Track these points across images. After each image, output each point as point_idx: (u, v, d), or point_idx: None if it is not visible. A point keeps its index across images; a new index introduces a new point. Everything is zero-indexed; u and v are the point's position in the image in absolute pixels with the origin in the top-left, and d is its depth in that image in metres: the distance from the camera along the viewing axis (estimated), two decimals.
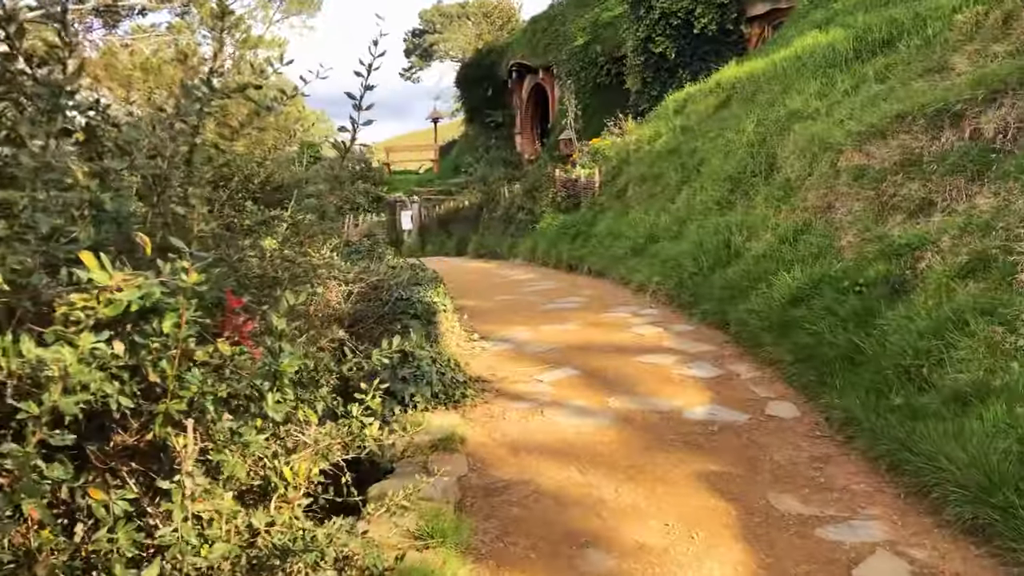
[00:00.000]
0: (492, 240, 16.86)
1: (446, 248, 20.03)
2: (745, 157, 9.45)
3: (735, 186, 9.30)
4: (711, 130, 11.30)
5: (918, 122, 6.75)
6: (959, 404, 4.28)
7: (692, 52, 19.75)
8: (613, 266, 10.75)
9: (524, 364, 6.58)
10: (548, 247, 13.51)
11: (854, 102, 8.22)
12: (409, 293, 7.30)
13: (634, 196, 12.20)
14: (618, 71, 24.11)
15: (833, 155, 7.59)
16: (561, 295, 9.85)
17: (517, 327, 7.89)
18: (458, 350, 6.91)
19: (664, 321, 7.82)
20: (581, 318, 8.16)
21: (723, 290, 7.51)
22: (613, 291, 9.91)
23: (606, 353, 6.75)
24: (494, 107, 32.04)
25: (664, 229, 10.14)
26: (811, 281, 6.36)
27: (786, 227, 7.47)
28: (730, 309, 7.16)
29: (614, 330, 7.55)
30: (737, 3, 19.31)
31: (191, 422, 2.13)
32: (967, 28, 7.82)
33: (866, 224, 6.55)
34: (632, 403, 5.53)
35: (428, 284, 7.81)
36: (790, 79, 10.27)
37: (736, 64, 13.39)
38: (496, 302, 9.63)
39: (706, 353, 6.62)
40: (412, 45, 65.12)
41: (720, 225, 8.61)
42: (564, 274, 12.26)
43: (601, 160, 14.50)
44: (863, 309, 5.64)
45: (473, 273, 13.22)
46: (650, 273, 9.32)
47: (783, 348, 6.00)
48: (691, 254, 8.64)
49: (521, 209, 15.72)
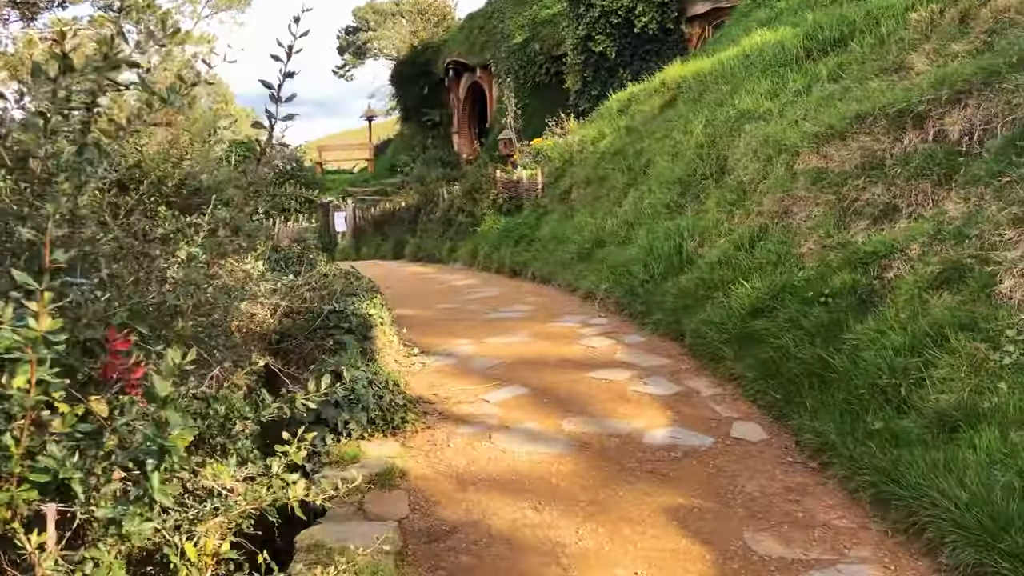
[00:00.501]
0: (430, 243, 16.34)
1: (382, 251, 19.42)
2: (694, 159, 9.15)
3: (685, 189, 8.99)
4: (657, 131, 11.00)
5: (879, 123, 6.49)
6: (945, 429, 3.96)
7: (633, 51, 19.55)
8: (559, 272, 10.36)
9: (469, 381, 6.12)
10: (490, 251, 13.06)
11: (808, 102, 7.97)
12: (343, 305, 6.78)
13: (579, 199, 11.83)
14: (557, 70, 23.81)
15: (789, 157, 7.32)
16: (505, 303, 9.41)
17: (460, 339, 7.42)
18: (397, 367, 6.42)
19: (615, 332, 7.44)
20: (528, 328, 7.74)
21: (677, 299, 7.16)
22: (560, 298, 9.52)
23: (556, 368, 6.33)
24: (431, 106, 31.49)
25: (611, 233, 9.79)
26: (772, 291, 6.04)
27: (741, 233, 7.16)
28: (685, 319, 6.82)
29: (564, 342, 7.14)
30: (678, 2, 19.18)
31: (52, 508, 1.63)
32: (922, 27, 7.63)
33: (827, 230, 6.26)
34: (588, 425, 5.11)
35: (363, 294, 7.30)
36: (739, 78, 10.01)
37: (681, 63, 13.14)
38: (437, 311, 9.14)
39: (662, 368, 6.25)
40: (346, 43, 64.27)
41: (671, 230, 8.28)
42: (507, 280, 11.83)
43: (544, 161, 14.12)
44: (830, 322, 5.33)
45: (411, 279, 12.70)
46: (598, 280, 8.95)
47: (745, 363, 5.66)
48: (641, 260, 8.29)
49: (461, 211, 15.24)
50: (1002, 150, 5.37)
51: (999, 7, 6.78)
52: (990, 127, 5.67)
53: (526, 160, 15.44)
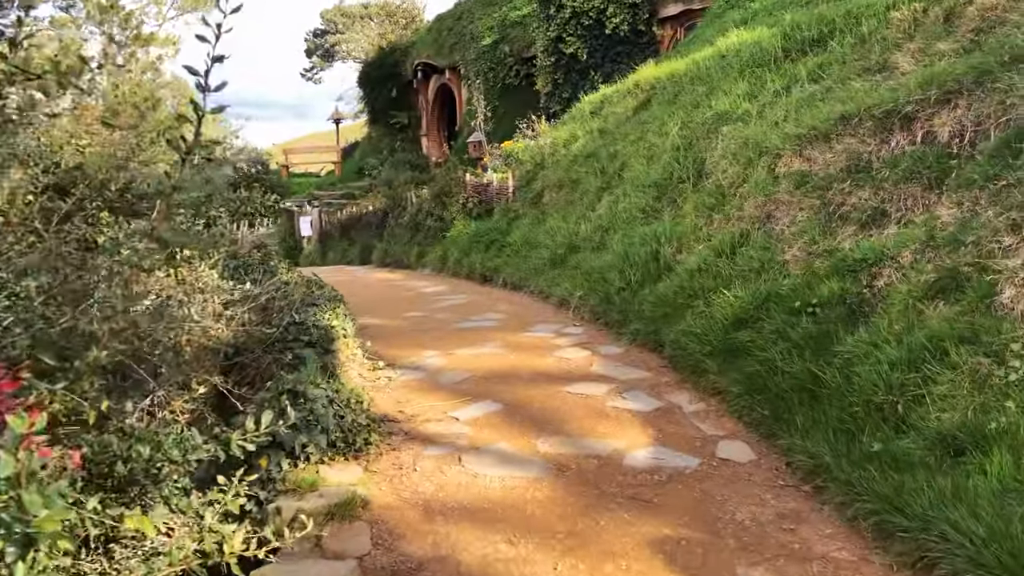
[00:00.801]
0: (398, 248, 15.95)
1: (349, 256, 18.99)
2: (671, 162, 8.89)
3: (661, 193, 8.72)
4: (631, 133, 10.73)
5: (864, 124, 6.26)
6: (949, 452, 3.70)
7: (604, 53, 19.33)
8: (531, 278, 10.05)
9: (437, 397, 5.77)
10: (460, 256, 12.72)
11: (788, 103, 7.73)
12: (304, 316, 6.41)
13: (551, 202, 11.53)
14: (527, 72, 23.54)
15: (770, 160, 7.07)
16: (476, 311, 9.08)
17: (428, 351, 7.08)
18: (361, 382, 6.06)
19: (591, 342, 7.13)
20: (500, 339, 7.41)
21: (655, 308, 6.87)
22: (532, 306, 9.20)
23: (530, 382, 6.01)
24: (399, 108, 31.05)
25: (585, 239, 9.49)
26: (756, 300, 5.77)
27: (722, 238, 6.89)
28: (664, 329, 6.53)
29: (537, 353, 6.82)
30: (649, 3, 18.99)
31: None
32: (905, 26, 7.43)
33: (813, 236, 6.00)
34: (565, 446, 4.79)
35: (326, 304, 6.93)
36: (715, 79, 9.78)
37: (655, 64, 12.91)
38: (404, 320, 8.79)
39: (641, 381, 5.95)
40: (313, 45, 63.86)
41: (647, 235, 8.00)
42: (478, 286, 11.49)
43: (515, 164, 13.81)
44: (819, 333, 5.06)
45: (378, 285, 12.32)
46: (572, 287, 8.64)
47: (729, 377, 5.37)
48: (617, 267, 8.00)
49: (430, 215, 14.88)
50: (996, 152, 5.14)
51: (985, 5, 6.59)
52: (982, 128, 5.45)
53: (496, 163, 15.12)
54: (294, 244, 22.09)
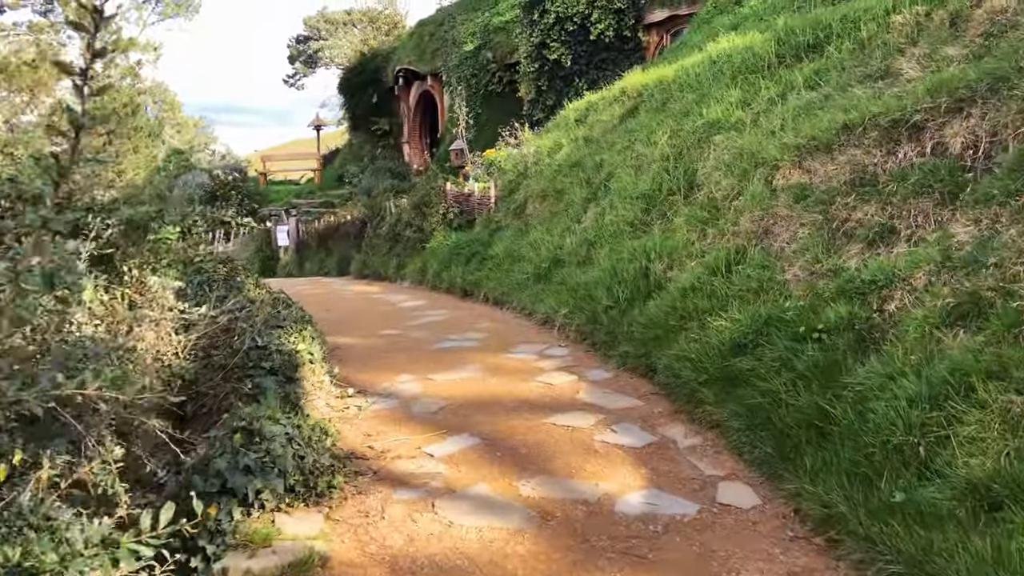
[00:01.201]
0: (377, 260, 15.48)
1: (326, 267, 18.49)
2: (660, 172, 8.49)
3: (650, 205, 8.31)
4: (618, 142, 10.33)
5: (869, 134, 5.87)
6: (982, 505, 3.29)
7: (589, 60, 19.00)
8: (514, 293, 9.61)
9: (411, 430, 5.32)
10: (440, 269, 12.27)
11: (784, 111, 7.35)
12: (267, 339, 5.94)
13: (535, 214, 11.11)
14: (510, 79, 23.16)
15: (767, 171, 6.68)
16: (455, 329, 8.63)
17: (403, 375, 6.62)
18: (328, 412, 5.61)
19: (577, 366, 6.70)
20: (479, 361, 6.96)
21: (645, 329, 6.46)
22: (515, 324, 8.76)
23: (512, 412, 5.57)
24: (380, 114, 30.57)
25: (571, 252, 9.07)
26: (756, 324, 5.35)
27: (716, 255, 6.48)
28: (656, 353, 6.11)
29: (520, 378, 6.38)
30: (635, 9, 18.67)
31: None
32: (907, 30, 7.07)
33: (815, 254, 5.61)
34: (549, 488, 4.36)
35: (292, 326, 6.46)
36: (706, 86, 9.40)
37: (642, 71, 12.52)
38: (379, 339, 8.32)
39: (632, 411, 5.53)
40: (296, 52, 63.69)
41: (636, 250, 7.59)
42: (458, 301, 11.04)
43: (497, 173, 13.38)
44: (827, 362, 4.66)
45: (355, 300, 11.85)
46: (557, 304, 8.22)
47: (728, 408, 4.96)
48: (604, 283, 7.58)
49: (409, 226, 14.41)
50: (1016, 165, 4.76)
51: (994, 8, 6.23)
52: (999, 139, 5.07)
53: (478, 172, 14.69)
54: (270, 254, 21.56)
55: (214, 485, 4.05)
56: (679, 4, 17.94)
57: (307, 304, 11.58)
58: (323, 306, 11.23)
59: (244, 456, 4.17)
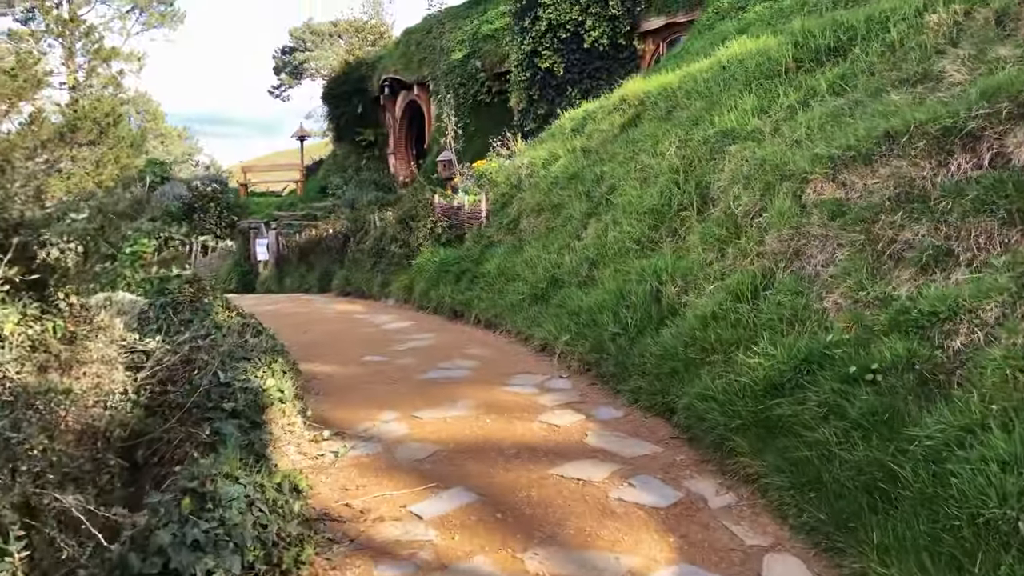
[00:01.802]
0: (360, 276, 14.75)
1: (307, 283, 17.73)
2: (669, 185, 7.83)
3: (659, 221, 7.65)
4: (620, 153, 9.68)
5: (916, 144, 5.23)
6: None
7: (582, 68, 18.42)
8: (508, 315, 8.92)
9: (395, 482, 4.61)
10: (427, 287, 11.56)
11: (809, 119, 6.71)
12: (231, 374, 5.23)
13: (529, 229, 10.43)
14: (500, 88, 22.58)
15: (795, 185, 6.02)
16: (445, 355, 7.92)
17: (386, 412, 5.91)
18: (299, 460, 4.90)
19: (583, 402, 6.01)
20: (472, 395, 6.26)
21: (661, 361, 5.77)
22: (510, 350, 8.06)
23: (512, 460, 4.87)
24: (365, 125, 29.89)
25: (570, 272, 8.39)
26: (794, 360, 4.68)
27: (740, 279, 5.81)
28: (674, 390, 5.43)
29: (519, 417, 5.68)
30: (630, 16, 18.11)
31: None
32: (945, 31, 6.46)
33: (859, 279, 4.94)
34: (561, 563, 3.66)
35: (261, 357, 5.74)
36: (716, 93, 8.77)
37: (643, 78, 11.90)
38: (361, 367, 7.60)
39: (651, 460, 4.83)
40: (282, 63, 63.47)
41: (645, 270, 6.92)
42: (447, 323, 10.34)
43: (488, 185, 12.71)
44: (884, 409, 3.98)
45: (335, 320, 11.11)
46: (557, 329, 7.53)
47: (766, 460, 4.28)
48: (610, 307, 6.90)
49: (394, 241, 13.70)
50: None
51: None
52: None
53: (468, 184, 14.02)
54: (249, 269, 20.79)
55: (155, 565, 3.33)
56: (676, 11, 17.39)
57: (284, 325, 10.87)
58: (301, 327, 10.53)
59: (193, 527, 3.46)
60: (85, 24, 44.93)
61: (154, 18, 51.89)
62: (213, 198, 26.01)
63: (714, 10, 14.16)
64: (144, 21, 51.70)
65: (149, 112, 58.46)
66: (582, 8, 18.14)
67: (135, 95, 54.87)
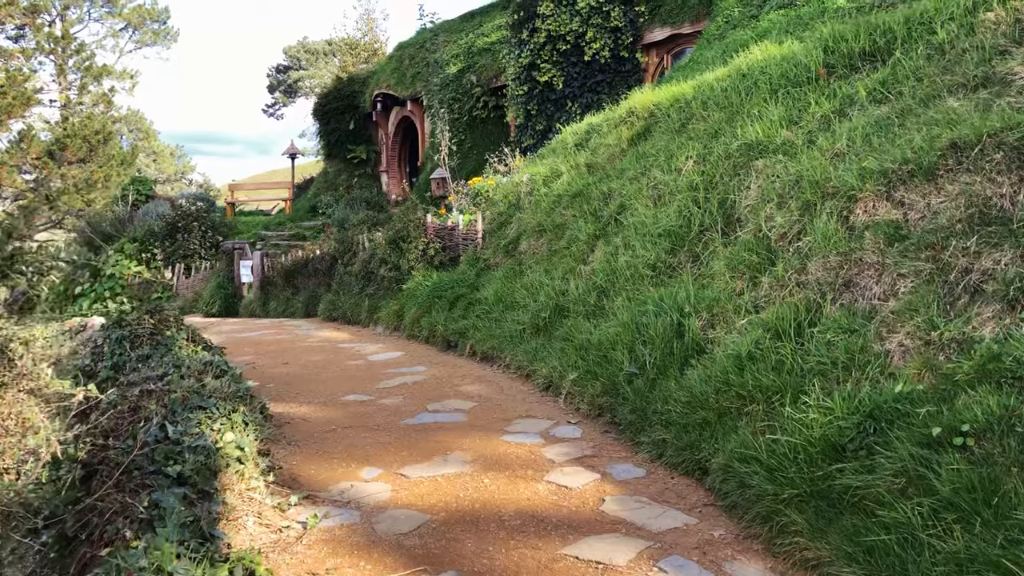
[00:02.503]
0: (348, 301, 13.96)
1: (292, 307, 16.92)
2: (687, 204, 7.09)
3: (677, 244, 6.91)
4: (629, 168, 8.95)
5: (990, 156, 4.49)
6: None
7: (583, 82, 17.76)
8: (507, 347, 8.15)
9: (375, 564, 3.82)
10: (419, 314, 10.78)
11: (850, 129, 5.98)
12: (182, 428, 4.44)
13: (530, 251, 9.68)
14: (496, 103, 21.95)
15: (840, 204, 5.28)
16: (437, 394, 7.14)
17: (368, 468, 5.13)
18: (260, 534, 4.10)
19: (597, 456, 5.23)
20: (469, 447, 5.48)
21: (688, 409, 5.00)
22: (510, 388, 7.27)
23: (516, 533, 4.08)
24: (357, 142, 29.21)
25: (577, 300, 7.63)
26: (857, 414, 3.91)
27: (779, 312, 5.05)
28: (706, 445, 4.66)
29: (522, 475, 4.90)
30: (633, 28, 17.47)
31: None
32: (1005, 29, 5.74)
33: (928, 316, 4.19)
34: None
35: (221, 405, 4.95)
36: (736, 103, 8.04)
37: (651, 89, 11.18)
38: (341, 408, 6.81)
39: (683, 535, 4.05)
40: (276, 81, 63.52)
41: (664, 300, 6.16)
42: (440, 354, 9.55)
43: (484, 204, 11.97)
44: (984, 484, 3.21)
45: (317, 350, 10.32)
46: (562, 365, 6.77)
47: (832, 544, 3.49)
48: (625, 343, 6.14)
49: (384, 263, 12.93)
50: None
51: None
52: None
53: (463, 203, 13.29)
54: (233, 291, 19.99)
55: None
56: (682, 22, 16.75)
57: (263, 355, 10.09)
58: (281, 358, 9.75)
59: None
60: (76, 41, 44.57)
61: (147, 36, 51.84)
62: (197, 217, 25.21)
63: (724, 19, 13.52)
64: (137, 39, 51.65)
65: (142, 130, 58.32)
66: (583, 19, 17.51)
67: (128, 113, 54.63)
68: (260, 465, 4.65)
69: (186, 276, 23.48)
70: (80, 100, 44.74)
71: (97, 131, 38.23)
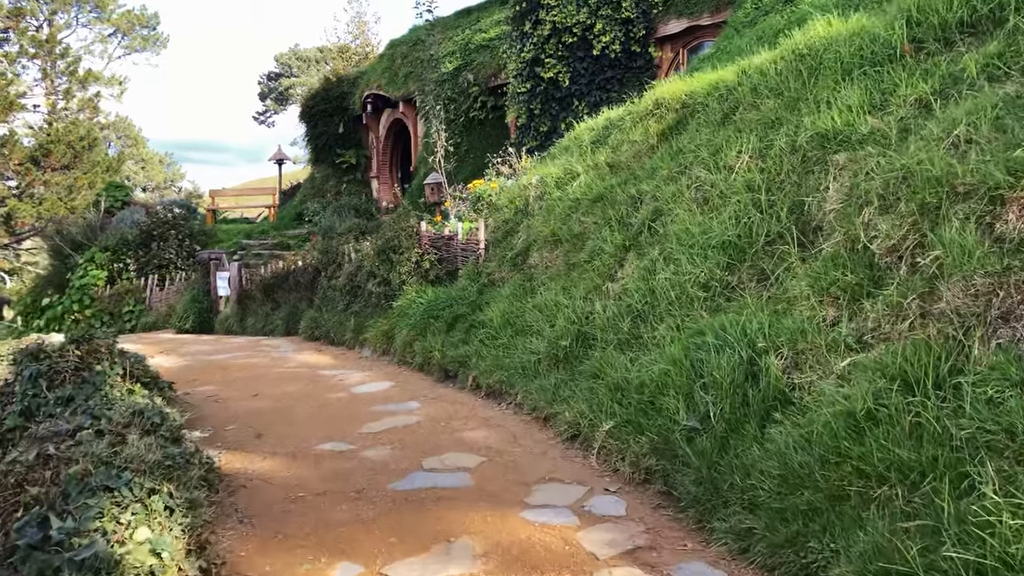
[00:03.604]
0: (331, 318, 12.63)
1: (272, 323, 15.57)
2: (746, 209, 5.82)
3: (735, 259, 5.63)
4: (662, 167, 7.67)
5: None
6: None
7: (591, 78, 16.52)
8: (518, 381, 6.86)
9: None
10: (411, 337, 9.48)
11: (970, 112, 4.70)
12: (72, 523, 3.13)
13: (543, 265, 8.38)
14: (495, 103, 20.71)
15: (978, 207, 4.00)
16: (434, 444, 5.84)
17: (342, 564, 3.82)
18: None
19: (655, 549, 3.92)
20: (480, 530, 4.17)
21: (782, 487, 3.71)
22: (525, 437, 5.97)
23: None
24: (346, 146, 27.90)
25: (605, 326, 6.35)
26: None
27: (904, 353, 3.77)
28: (818, 544, 3.36)
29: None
30: (645, 20, 16.24)
31: None
32: None
33: None
34: None
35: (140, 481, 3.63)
36: (796, 88, 6.77)
37: (680, 79, 9.91)
38: (313, 464, 5.50)
39: None
40: (267, 89, 63.02)
41: (727, 330, 4.88)
42: (437, 385, 8.24)
43: (487, 210, 10.69)
44: None
45: (294, 379, 8.99)
46: (592, 409, 5.49)
47: None
48: (677, 384, 4.86)
49: (372, 277, 11.62)
50: None
51: None
52: None
53: (461, 209, 12.01)
54: (208, 305, 18.64)
55: None
56: (700, 13, 15.52)
57: (232, 382, 8.79)
58: (251, 387, 8.46)
59: None
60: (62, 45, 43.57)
61: (136, 41, 51.33)
62: (174, 225, 23.86)
63: (753, 5, 12.28)
64: (126, 45, 51.06)
65: (130, 137, 57.65)
66: (591, 10, 16.27)
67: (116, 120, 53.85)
68: (190, 572, 3.34)
69: (160, 288, 22.12)
70: (66, 106, 43.81)
71: (82, 137, 37.00)
